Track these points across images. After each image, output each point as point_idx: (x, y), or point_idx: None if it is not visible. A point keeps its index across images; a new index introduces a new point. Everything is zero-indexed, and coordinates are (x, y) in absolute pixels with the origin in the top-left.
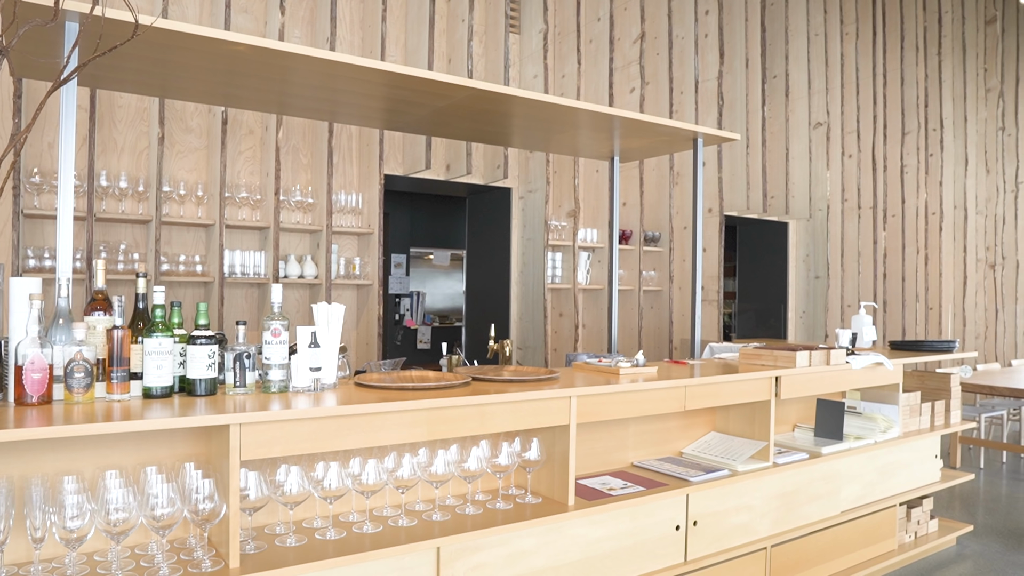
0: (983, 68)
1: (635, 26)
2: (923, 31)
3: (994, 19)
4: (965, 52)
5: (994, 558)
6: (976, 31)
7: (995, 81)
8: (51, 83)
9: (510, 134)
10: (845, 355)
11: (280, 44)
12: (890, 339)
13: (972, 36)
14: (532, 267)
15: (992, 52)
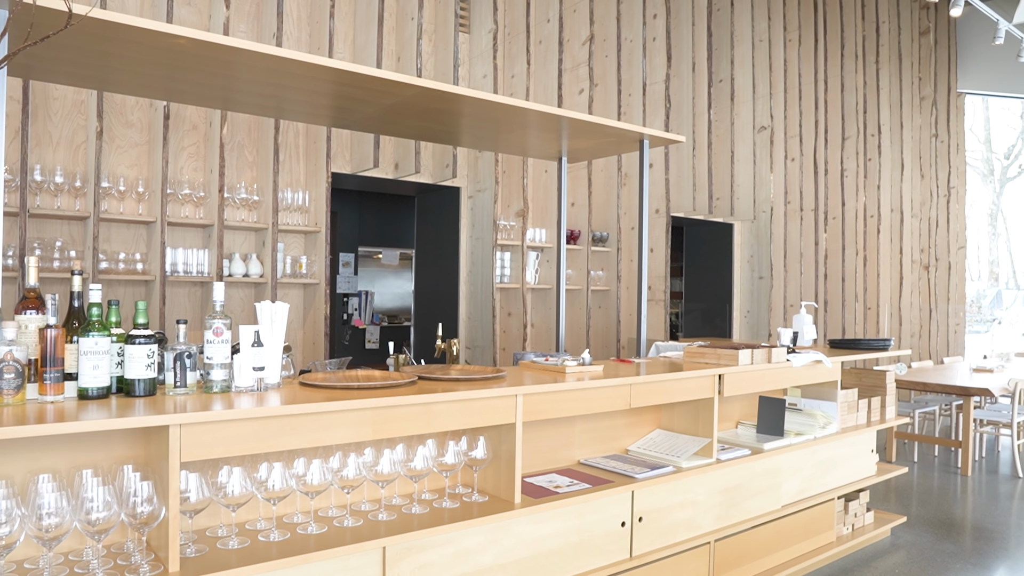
0: (918, 77)
1: (584, 28)
2: (862, 40)
3: (927, 30)
4: (901, 61)
5: (925, 547)
6: (911, 41)
7: (929, 90)
8: None
9: (459, 133)
10: (786, 353)
11: (224, 38)
12: (830, 338)
13: (908, 46)
14: (481, 266)
15: (926, 62)
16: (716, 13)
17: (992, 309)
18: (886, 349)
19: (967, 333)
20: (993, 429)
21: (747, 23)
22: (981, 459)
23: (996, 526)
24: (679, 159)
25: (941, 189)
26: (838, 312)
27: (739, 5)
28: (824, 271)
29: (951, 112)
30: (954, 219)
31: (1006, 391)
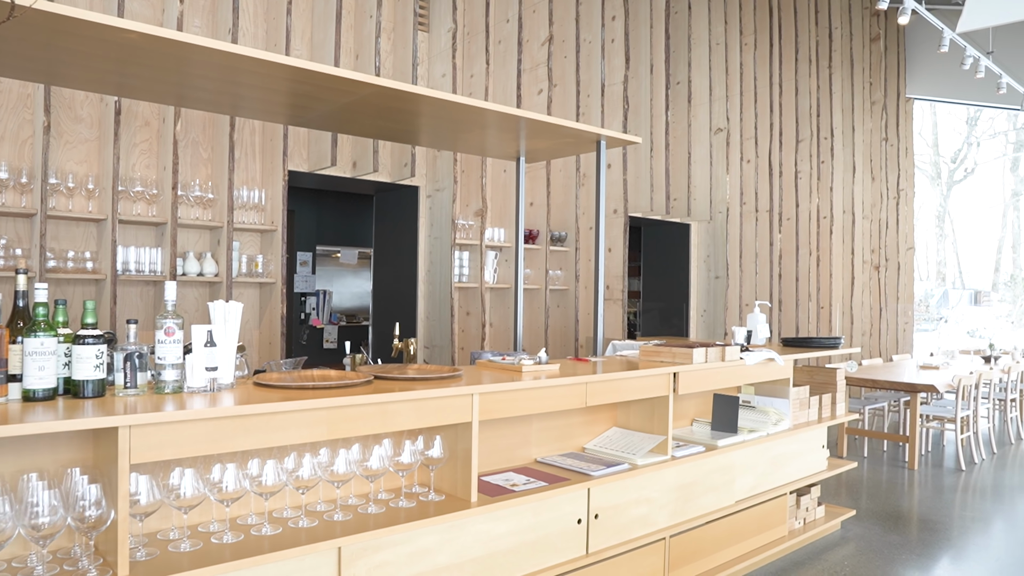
0: (869, 82)
1: (543, 29)
2: (815, 45)
3: (878, 37)
4: (853, 66)
5: (874, 539)
6: (863, 47)
7: (879, 95)
8: None
9: (417, 133)
10: (740, 352)
11: (176, 34)
12: (784, 336)
13: (859, 52)
14: (439, 266)
15: (877, 68)
16: (674, 16)
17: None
18: (837, 347)
19: (915, 331)
20: (939, 424)
21: (704, 26)
22: (927, 453)
23: (940, 518)
24: (637, 160)
25: (891, 191)
26: (792, 311)
27: (696, 8)
28: (779, 271)
29: (900, 116)
30: (903, 221)
31: (950, 387)
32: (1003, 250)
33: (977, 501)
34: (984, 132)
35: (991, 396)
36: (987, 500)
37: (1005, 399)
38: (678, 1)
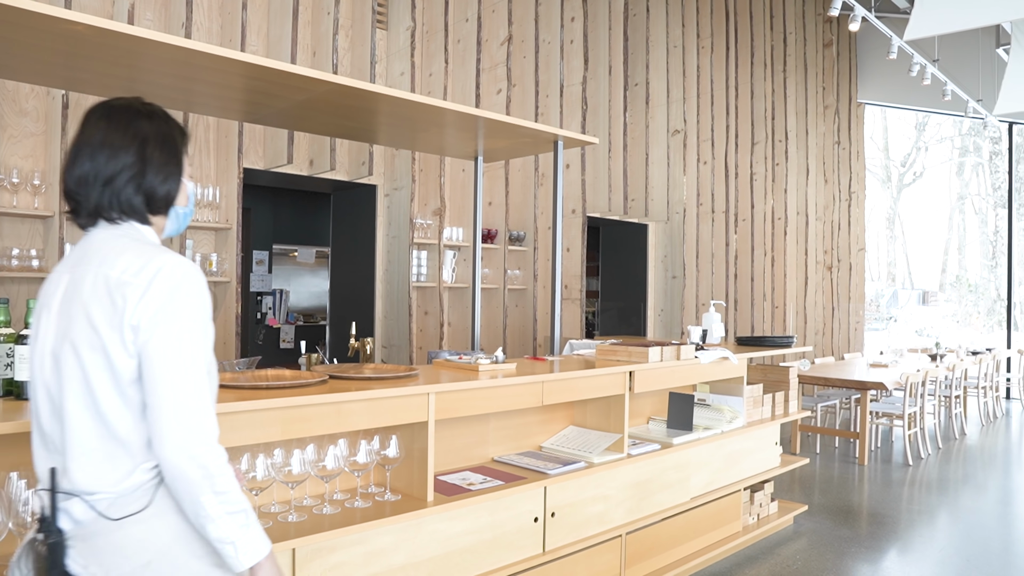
0: (822, 87)
1: (503, 28)
2: (771, 49)
3: (831, 43)
4: (807, 71)
5: (825, 533)
6: (816, 52)
7: (832, 99)
8: None
9: (375, 131)
10: (695, 351)
11: (125, 27)
12: (740, 335)
13: (813, 57)
14: (397, 265)
15: (829, 73)
16: (632, 18)
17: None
18: (789, 346)
19: (866, 331)
20: (888, 420)
21: (662, 29)
22: (877, 449)
23: (888, 511)
24: (595, 160)
25: (843, 194)
26: (747, 310)
27: (654, 11)
28: (734, 271)
29: (852, 121)
30: (855, 222)
31: (899, 385)
32: (949, 252)
33: (923, 495)
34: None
35: (937, 393)
36: (932, 494)
37: (950, 396)
38: (636, 4)
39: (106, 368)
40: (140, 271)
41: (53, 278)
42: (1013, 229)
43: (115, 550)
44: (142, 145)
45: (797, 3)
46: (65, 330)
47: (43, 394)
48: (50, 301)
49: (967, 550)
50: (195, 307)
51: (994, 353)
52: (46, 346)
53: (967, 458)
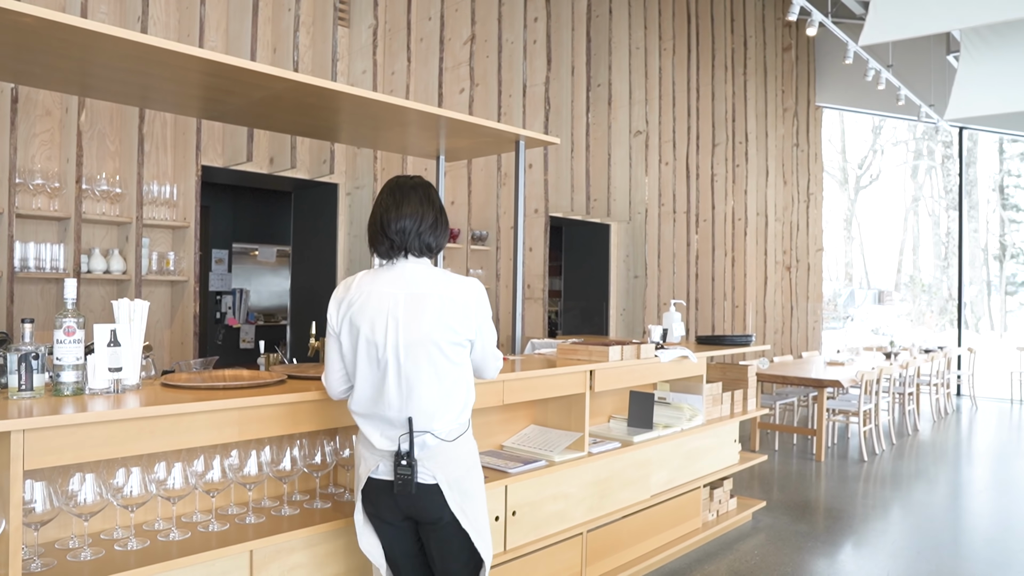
0: (781, 90)
1: (466, 28)
2: (731, 52)
3: (790, 47)
4: (766, 74)
5: (782, 529)
6: (775, 56)
7: (791, 102)
8: None
9: (336, 129)
10: (655, 349)
11: (77, 20)
12: (699, 334)
13: (772, 60)
14: (359, 264)
15: (788, 76)
16: (595, 19)
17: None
18: (748, 344)
19: (824, 329)
20: (844, 417)
21: (624, 31)
22: (833, 445)
23: (844, 506)
24: (558, 160)
25: (801, 195)
26: (708, 310)
27: (617, 13)
28: (695, 271)
29: (810, 123)
30: (813, 223)
31: (854, 382)
32: (904, 252)
33: (877, 489)
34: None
35: (891, 390)
36: (886, 488)
37: (904, 393)
38: (599, 5)
39: (452, 351)
40: (467, 291)
41: (384, 291)
42: (963, 231)
43: (450, 460)
44: (440, 212)
45: (757, 7)
46: (423, 329)
47: (394, 373)
48: (395, 311)
49: (918, 543)
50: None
51: (945, 351)
52: (399, 341)
53: (919, 453)
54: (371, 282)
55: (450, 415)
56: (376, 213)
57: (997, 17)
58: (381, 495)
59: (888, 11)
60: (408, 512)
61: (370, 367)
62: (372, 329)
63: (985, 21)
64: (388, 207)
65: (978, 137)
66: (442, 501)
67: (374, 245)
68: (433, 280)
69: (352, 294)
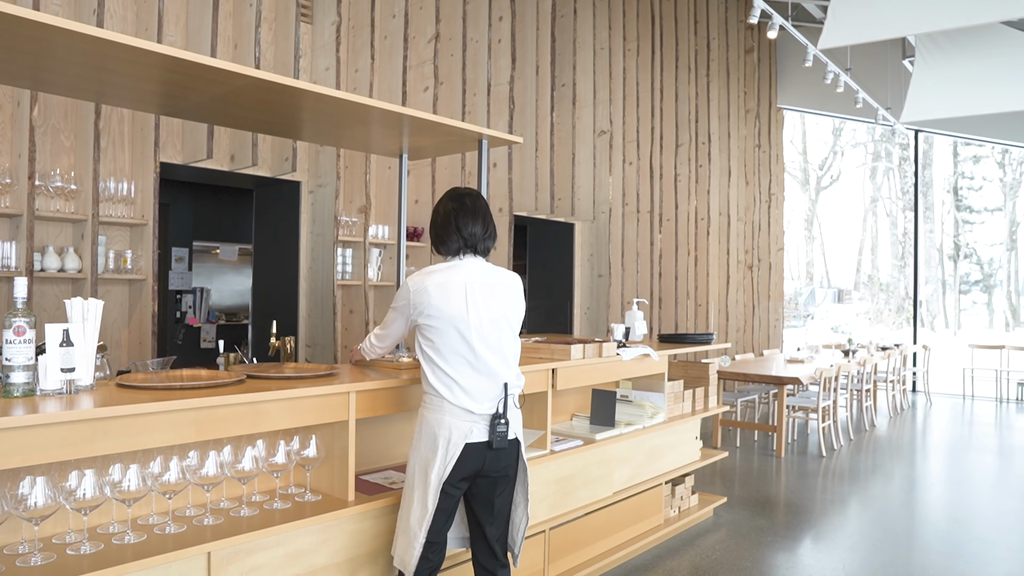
0: (743, 91)
1: (430, 26)
2: (694, 54)
3: (752, 49)
4: (729, 76)
5: (743, 524)
6: (738, 58)
7: (753, 103)
8: None
9: (298, 127)
10: (617, 348)
11: (28, 12)
12: (661, 332)
13: (735, 62)
14: (322, 263)
15: (751, 78)
16: (560, 19)
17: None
18: (709, 343)
19: (785, 328)
20: (804, 414)
21: (589, 31)
22: (793, 442)
23: (803, 501)
24: (522, 159)
25: (763, 195)
26: (671, 308)
27: (582, 13)
28: (659, 270)
29: (772, 125)
30: (774, 223)
31: (813, 379)
32: (864, 252)
33: (836, 484)
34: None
35: (849, 387)
36: (844, 483)
37: (861, 389)
38: (564, 5)
39: (515, 327)
40: (517, 281)
41: (462, 280)
42: (919, 231)
43: (517, 420)
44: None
45: (720, 10)
46: (499, 310)
47: (482, 345)
48: (474, 296)
49: (874, 535)
50: None
51: (901, 349)
52: (483, 318)
53: (876, 448)
54: (448, 274)
55: (517, 381)
56: (449, 217)
57: (949, 24)
58: (471, 458)
59: (845, 16)
60: (490, 469)
61: (462, 344)
62: (464, 310)
63: (938, 28)
64: (462, 213)
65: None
66: (516, 453)
67: (444, 243)
68: (494, 272)
69: (434, 283)
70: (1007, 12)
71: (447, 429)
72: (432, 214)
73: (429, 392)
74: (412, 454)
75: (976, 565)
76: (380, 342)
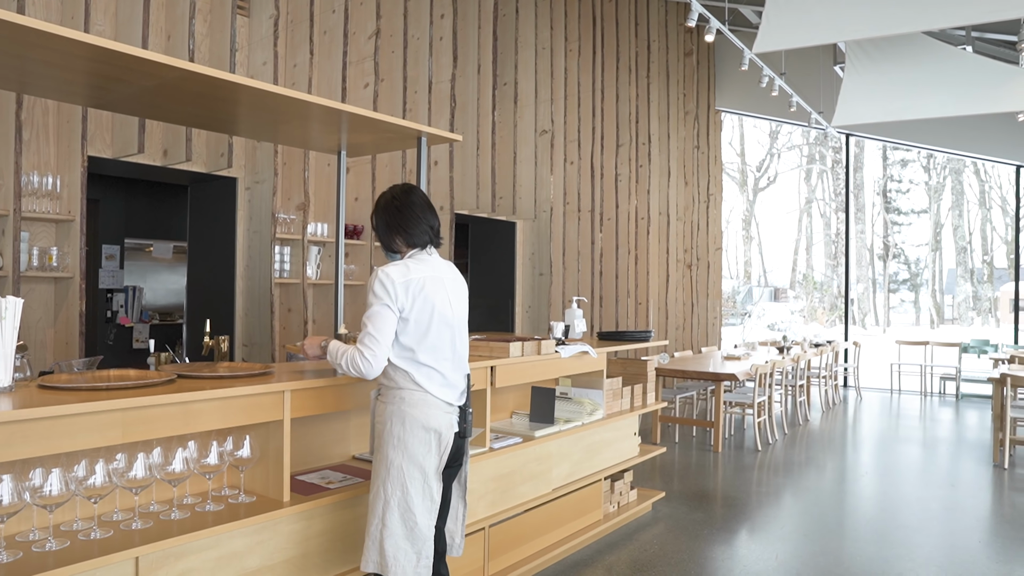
0: (683, 93)
1: (371, 22)
2: (635, 55)
3: (691, 52)
4: (669, 78)
5: (681, 518)
6: (678, 60)
7: (692, 106)
8: None
9: (234, 122)
10: (555, 345)
11: None
12: (601, 330)
13: (675, 65)
14: (259, 261)
15: (690, 80)
16: (502, 18)
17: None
18: (647, 340)
19: (723, 325)
20: (740, 410)
21: (531, 30)
22: (730, 436)
23: (739, 494)
24: (464, 158)
25: (702, 195)
26: (612, 307)
27: (524, 13)
28: (599, 268)
29: (711, 127)
30: (712, 223)
31: (749, 376)
32: (799, 252)
33: (771, 477)
34: (784, 145)
35: (784, 383)
36: (779, 476)
37: (795, 385)
38: (506, 5)
39: None
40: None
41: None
42: (850, 232)
43: None
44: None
45: (660, 13)
46: (461, 305)
47: (459, 339)
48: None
49: (806, 526)
50: None
51: (834, 345)
52: (458, 312)
53: (810, 442)
54: (423, 268)
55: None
56: (415, 209)
57: (876, 32)
58: (449, 448)
59: (779, 22)
60: (453, 457)
61: (447, 338)
62: (445, 303)
63: (865, 35)
64: (425, 206)
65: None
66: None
67: (412, 235)
68: (452, 267)
69: (415, 277)
70: (929, 23)
71: (436, 422)
72: (386, 209)
73: (408, 387)
74: (394, 452)
75: (900, 551)
76: (374, 352)
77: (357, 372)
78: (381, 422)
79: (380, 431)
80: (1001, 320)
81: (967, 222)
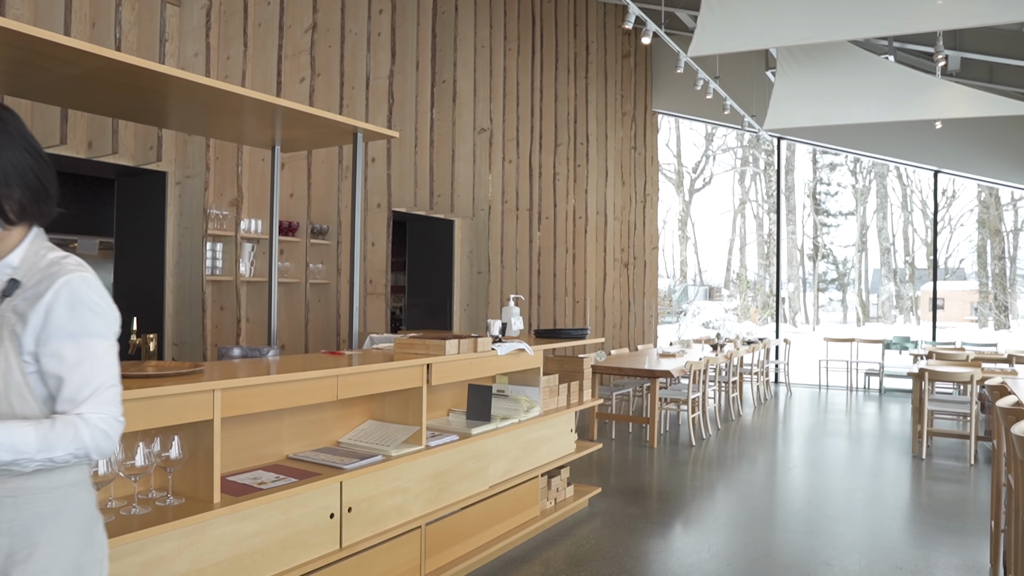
0: (621, 94)
1: (307, 15)
2: (574, 56)
3: (629, 54)
4: (607, 79)
5: (617, 513)
6: (616, 62)
7: (629, 107)
8: None
9: (163, 114)
10: (492, 343)
11: None
12: (538, 328)
13: (613, 66)
14: (190, 258)
15: (627, 82)
16: (441, 16)
17: (680, 303)
18: (583, 337)
19: (660, 324)
20: (675, 406)
21: (470, 28)
22: (666, 432)
23: (674, 488)
24: (402, 155)
25: (639, 195)
26: (550, 305)
27: (463, 10)
28: (538, 267)
29: (647, 128)
30: (648, 222)
31: (684, 372)
32: (733, 251)
33: (704, 471)
34: (719, 147)
35: (717, 379)
36: (712, 470)
37: (728, 381)
38: (445, 2)
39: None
40: None
41: None
42: (781, 233)
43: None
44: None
45: (599, 14)
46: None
47: None
48: None
49: (738, 517)
50: None
51: (765, 342)
52: None
53: (742, 436)
54: None
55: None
56: (41, 165)
57: (805, 39)
58: None
59: (713, 27)
60: None
61: None
62: None
63: (795, 42)
64: (45, 159)
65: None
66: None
67: (48, 208)
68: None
69: None
70: (854, 32)
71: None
72: (21, 163)
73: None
74: None
75: (826, 540)
76: (120, 407)
77: (108, 452)
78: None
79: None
80: (921, 318)
81: (891, 224)
